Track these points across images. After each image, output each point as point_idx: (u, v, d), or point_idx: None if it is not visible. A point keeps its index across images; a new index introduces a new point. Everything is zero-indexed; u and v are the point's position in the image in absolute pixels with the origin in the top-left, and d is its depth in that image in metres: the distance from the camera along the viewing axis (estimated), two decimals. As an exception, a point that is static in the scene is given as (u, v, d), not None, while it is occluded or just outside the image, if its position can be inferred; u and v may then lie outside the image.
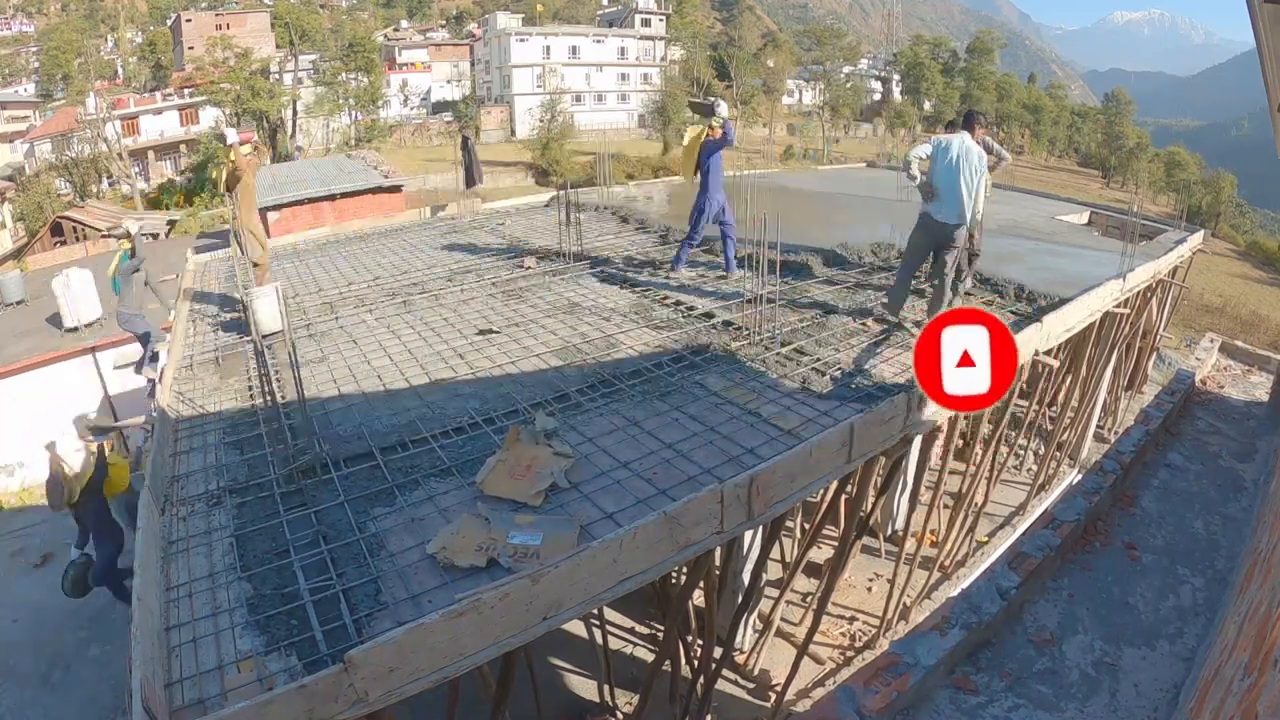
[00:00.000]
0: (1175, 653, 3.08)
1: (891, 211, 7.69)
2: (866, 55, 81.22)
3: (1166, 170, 66.55)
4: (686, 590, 4.04)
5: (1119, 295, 6.95)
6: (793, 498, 3.73)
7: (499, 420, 4.53)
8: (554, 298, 7.05)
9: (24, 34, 63.82)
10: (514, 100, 58.03)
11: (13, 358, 12.55)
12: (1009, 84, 77.42)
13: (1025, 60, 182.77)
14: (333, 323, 6.69)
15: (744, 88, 63.14)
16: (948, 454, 6.51)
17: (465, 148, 14.70)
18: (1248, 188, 70.05)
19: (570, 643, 6.11)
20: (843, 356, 5.41)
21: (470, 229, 10.94)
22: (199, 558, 3.36)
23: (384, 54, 60.10)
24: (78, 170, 39.87)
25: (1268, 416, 5.66)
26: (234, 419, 4.87)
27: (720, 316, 6.26)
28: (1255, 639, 2.13)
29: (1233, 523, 4.09)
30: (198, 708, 2.53)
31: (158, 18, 67.86)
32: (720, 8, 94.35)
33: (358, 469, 4.03)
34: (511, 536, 3.24)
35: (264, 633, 2.87)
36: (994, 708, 2.77)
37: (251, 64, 44.69)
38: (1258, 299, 39.32)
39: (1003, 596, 3.19)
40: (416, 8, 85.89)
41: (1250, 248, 55.36)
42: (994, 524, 8.30)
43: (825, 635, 6.61)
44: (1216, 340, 7.41)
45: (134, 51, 64.73)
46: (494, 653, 2.69)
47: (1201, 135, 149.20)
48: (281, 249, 10.72)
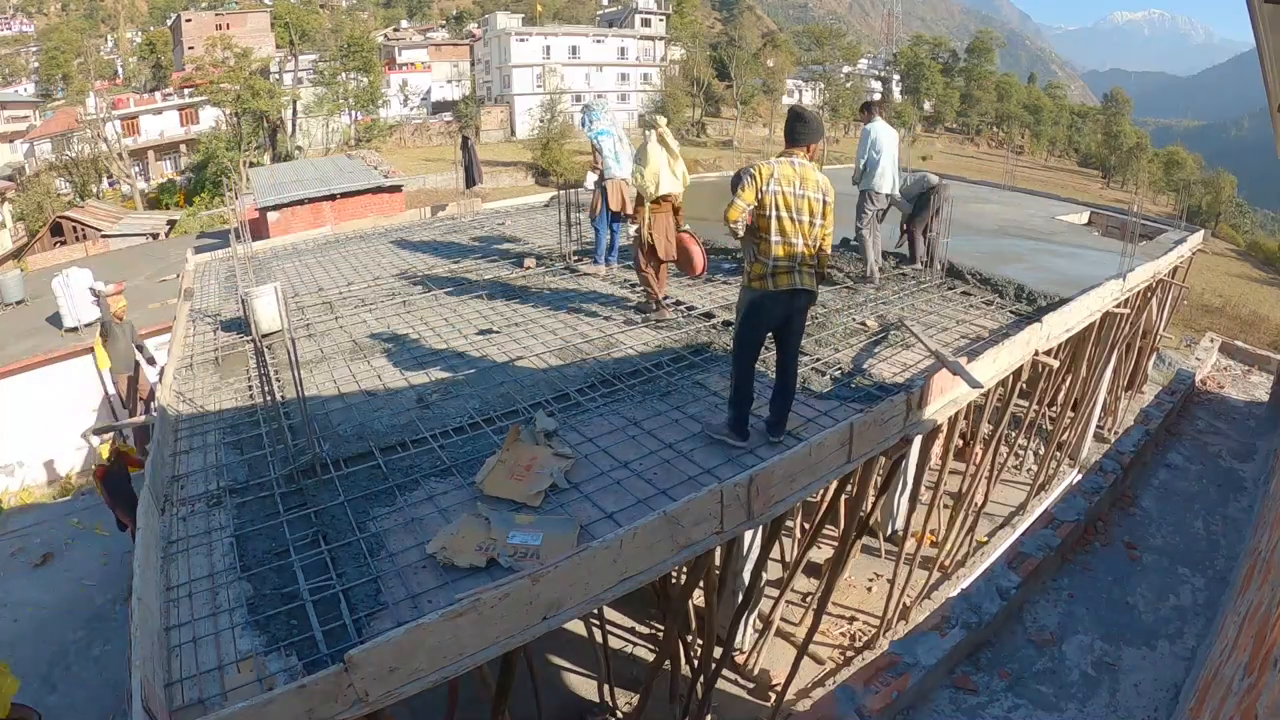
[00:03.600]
0: (1175, 653, 3.08)
1: (891, 211, 7.68)
2: (866, 55, 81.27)
3: (1166, 170, 66.64)
4: (686, 590, 4.04)
5: (1119, 295, 6.96)
6: (793, 498, 3.73)
7: (499, 420, 4.53)
8: (554, 297, 7.05)
9: (24, 34, 63.86)
10: (514, 100, 58.07)
11: (13, 358, 12.54)
12: (1009, 84, 77.54)
13: (1025, 60, 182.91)
14: (333, 323, 6.69)
15: (744, 88, 63.18)
16: (948, 454, 6.51)
17: (465, 148, 14.72)
18: (1248, 188, 70.10)
19: (570, 642, 6.11)
20: (842, 356, 5.41)
21: (470, 229, 10.95)
22: (199, 558, 3.36)
23: (384, 54, 60.15)
24: (78, 170, 39.92)
25: (1268, 416, 5.66)
26: (234, 419, 4.87)
27: (720, 317, 6.26)
28: (1255, 639, 2.13)
29: (1233, 523, 4.09)
30: (198, 708, 2.53)
31: (158, 18, 67.93)
32: (720, 8, 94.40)
33: (358, 469, 4.03)
34: (511, 536, 3.24)
35: (264, 633, 2.87)
36: (994, 708, 2.77)
37: (251, 64, 44.73)
38: (1258, 299, 39.34)
39: (1003, 596, 3.19)
40: (416, 8, 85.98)
41: (1250, 248, 55.42)
42: (994, 524, 8.29)
43: (825, 635, 6.61)
44: (1216, 340, 7.41)
45: (134, 51, 64.80)
46: (494, 653, 2.69)
47: (1201, 135, 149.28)
48: (282, 249, 10.73)
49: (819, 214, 3.82)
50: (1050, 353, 5.95)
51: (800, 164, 3.82)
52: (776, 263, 3.76)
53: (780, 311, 3.88)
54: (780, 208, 3.72)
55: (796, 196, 3.75)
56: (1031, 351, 5.61)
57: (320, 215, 17.15)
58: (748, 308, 3.91)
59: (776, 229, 3.72)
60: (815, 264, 3.86)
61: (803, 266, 3.80)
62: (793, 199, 3.74)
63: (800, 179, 3.77)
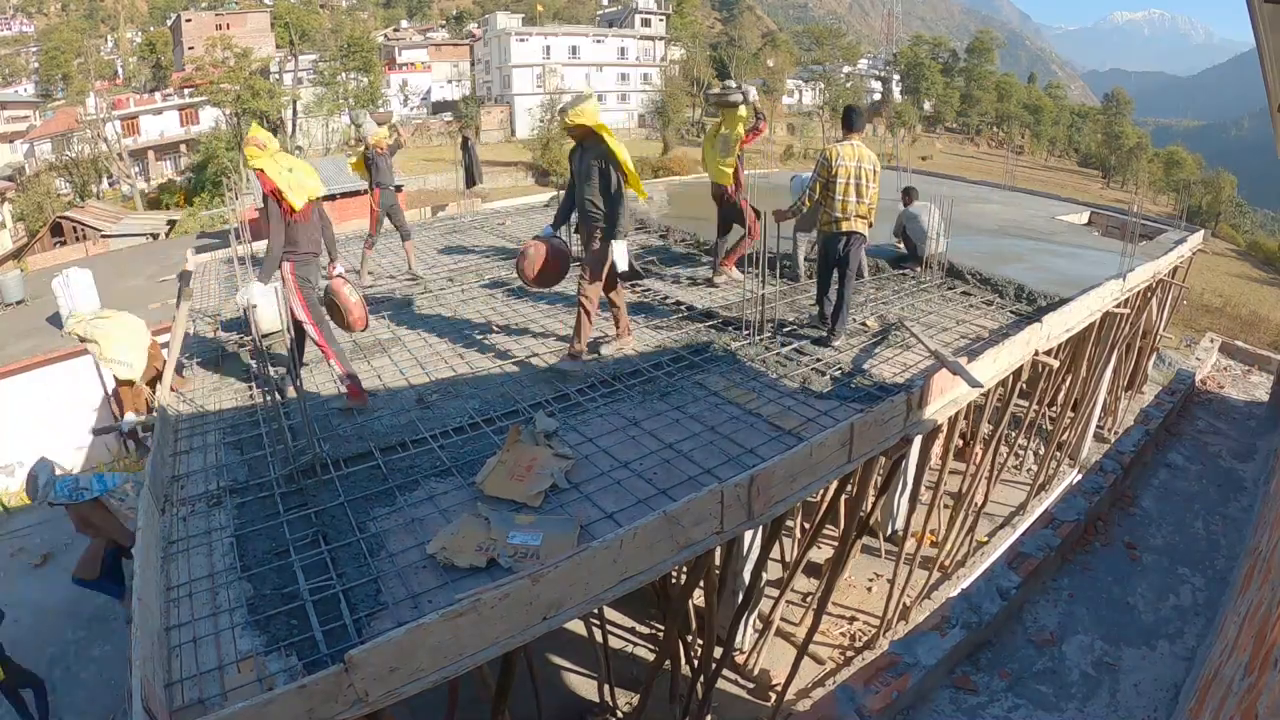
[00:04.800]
0: (1175, 653, 3.08)
1: (891, 211, 7.69)
2: (866, 55, 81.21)
3: (1166, 170, 66.61)
4: (686, 590, 4.04)
5: (1119, 295, 6.95)
6: (793, 498, 3.73)
7: (499, 420, 4.53)
8: (554, 297, 7.05)
9: (24, 34, 63.83)
10: (514, 100, 58.03)
11: (13, 358, 12.55)
12: (1009, 84, 77.49)
13: (1025, 60, 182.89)
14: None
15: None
16: (948, 454, 6.51)
17: (465, 148, 14.72)
18: (1247, 188, 70.03)
19: (570, 642, 6.11)
20: (843, 356, 5.41)
21: (470, 229, 10.95)
22: (199, 558, 3.36)
23: (384, 54, 60.12)
24: (78, 170, 39.90)
25: (1268, 416, 5.66)
26: (234, 419, 4.87)
27: (720, 316, 6.26)
28: (1255, 639, 2.13)
29: (1233, 523, 4.08)
30: (198, 708, 2.53)
31: (158, 18, 67.89)
32: (720, 8, 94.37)
33: (358, 469, 4.03)
34: (511, 536, 3.24)
35: (264, 633, 2.87)
36: (994, 708, 2.77)
37: (251, 64, 44.69)
38: (1258, 299, 39.32)
39: (1003, 596, 3.19)
40: (416, 8, 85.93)
41: (1250, 247, 55.38)
42: (994, 524, 8.29)
43: (825, 635, 6.61)
44: (1216, 340, 7.41)
45: (134, 51, 64.74)
46: (494, 653, 2.69)
47: (1201, 135, 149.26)
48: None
49: (869, 181, 5.30)
50: (1050, 353, 5.95)
51: (856, 145, 5.32)
52: (836, 215, 5.34)
53: (839, 246, 5.41)
54: (842, 177, 5.26)
55: (854, 170, 5.25)
56: (1031, 351, 5.61)
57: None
58: (821, 243, 5.63)
59: (841, 193, 5.28)
60: (866, 214, 5.36)
61: (855, 218, 5.33)
62: (853, 170, 5.26)
63: (858, 157, 5.27)
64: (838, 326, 5.60)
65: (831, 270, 5.55)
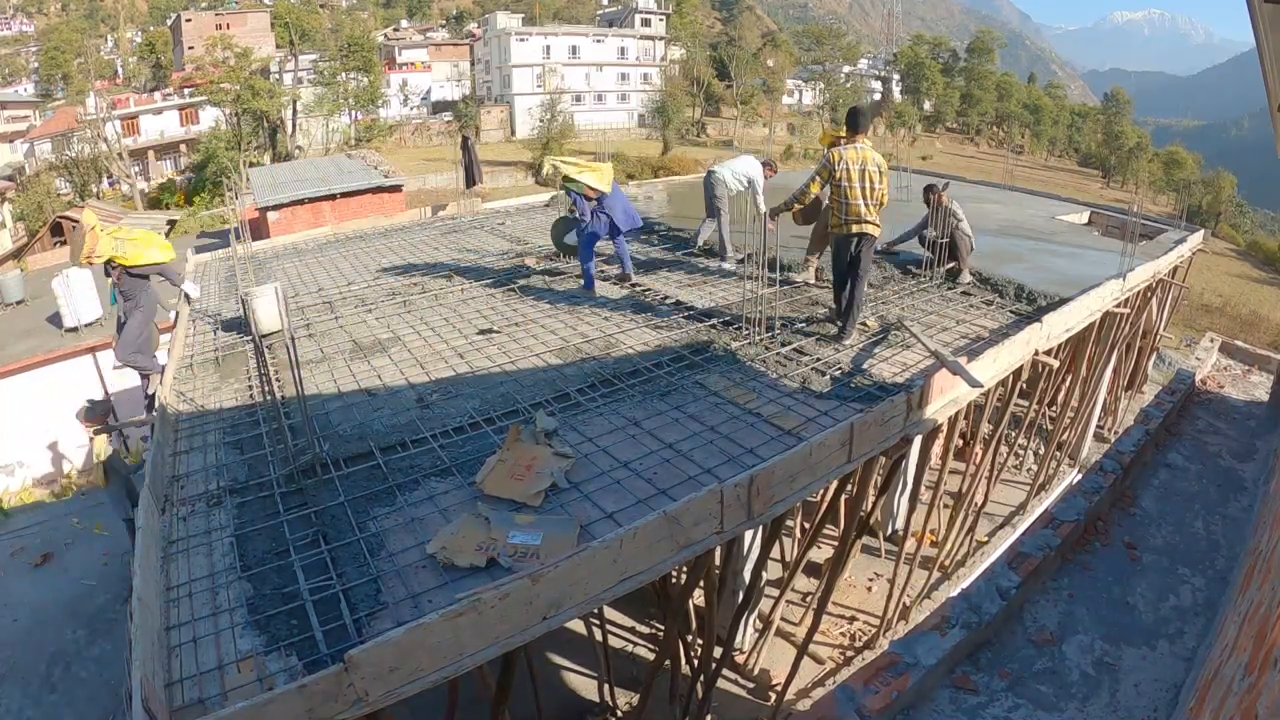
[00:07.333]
0: (1175, 653, 3.08)
1: (891, 210, 7.67)
2: (866, 55, 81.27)
3: (1166, 170, 66.61)
4: (686, 590, 4.04)
5: (1119, 295, 6.96)
6: (793, 498, 3.73)
7: (499, 420, 4.53)
8: (554, 297, 7.05)
9: (24, 34, 63.85)
10: (514, 100, 58.04)
11: (13, 358, 12.55)
12: (1009, 84, 77.52)
13: (1025, 60, 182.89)
14: (333, 323, 6.69)
15: (744, 88, 63.17)
16: (948, 454, 6.52)
17: (465, 148, 14.71)
18: (1247, 188, 70.05)
19: (570, 642, 6.11)
20: (843, 356, 5.41)
21: (470, 229, 10.94)
22: (199, 558, 3.36)
23: (384, 54, 60.13)
24: (78, 170, 39.88)
25: (1268, 416, 5.66)
26: (234, 419, 4.87)
27: (720, 316, 6.26)
28: (1255, 639, 2.13)
29: (1233, 523, 4.08)
30: (198, 708, 2.53)
31: (158, 18, 67.94)
32: (720, 8, 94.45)
33: (358, 469, 4.03)
34: (511, 536, 3.24)
35: (264, 633, 2.86)
36: (994, 707, 2.77)
37: (251, 64, 44.71)
38: (1258, 299, 39.33)
39: (1003, 596, 3.19)
40: (416, 8, 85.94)
41: (1250, 247, 55.38)
42: (994, 524, 8.30)
43: (825, 635, 6.61)
44: (1216, 340, 7.41)
45: (134, 51, 64.78)
46: (494, 653, 2.69)
47: (1201, 135, 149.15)
48: (282, 249, 10.73)
49: (876, 181, 5.38)
50: (1050, 353, 5.96)
51: (860, 147, 5.38)
52: (846, 218, 5.44)
53: (850, 246, 5.51)
54: (848, 181, 5.35)
55: (858, 172, 5.33)
56: (1031, 351, 5.62)
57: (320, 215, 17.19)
58: (834, 245, 5.72)
59: (847, 195, 5.38)
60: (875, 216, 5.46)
61: (863, 219, 5.41)
62: (856, 174, 5.33)
63: (861, 159, 5.34)
64: (849, 326, 5.66)
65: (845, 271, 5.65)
